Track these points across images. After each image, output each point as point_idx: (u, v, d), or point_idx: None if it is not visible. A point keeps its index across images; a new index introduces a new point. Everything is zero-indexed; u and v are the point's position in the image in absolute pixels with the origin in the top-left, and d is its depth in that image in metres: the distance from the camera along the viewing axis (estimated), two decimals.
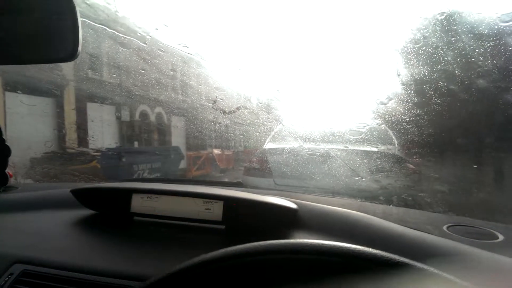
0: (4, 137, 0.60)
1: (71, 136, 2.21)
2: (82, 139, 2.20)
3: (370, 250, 0.52)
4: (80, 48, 0.56)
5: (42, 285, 0.87)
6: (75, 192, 1.30)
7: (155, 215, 1.22)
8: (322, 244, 0.52)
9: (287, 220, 1.17)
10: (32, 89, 2.11)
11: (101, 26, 1.71)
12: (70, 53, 0.56)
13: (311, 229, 1.14)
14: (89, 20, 1.73)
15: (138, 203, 1.23)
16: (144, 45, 1.68)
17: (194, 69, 1.69)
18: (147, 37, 1.68)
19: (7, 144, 0.60)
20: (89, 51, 1.86)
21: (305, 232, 1.13)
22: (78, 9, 0.55)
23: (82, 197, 1.30)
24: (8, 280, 0.89)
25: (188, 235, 1.17)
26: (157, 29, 1.66)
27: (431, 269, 0.47)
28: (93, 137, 2.13)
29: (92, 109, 2.22)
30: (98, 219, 1.29)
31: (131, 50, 1.69)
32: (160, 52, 1.62)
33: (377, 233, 1.06)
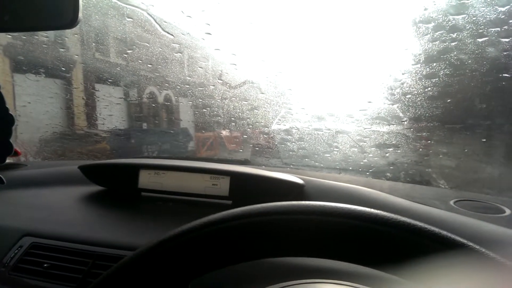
0: (9, 107, 0.60)
1: (80, 116, 2.22)
2: (91, 119, 2.22)
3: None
4: (80, 15, 0.55)
5: (51, 257, 0.88)
6: (83, 168, 1.32)
7: (163, 190, 1.23)
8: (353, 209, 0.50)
9: (293, 195, 1.17)
10: (40, 70, 2.12)
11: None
12: (70, 20, 0.56)
13: None
14: None
15: (146, 179, 1.24)
16: (154, 22, 1.66)
17: (202, 48, 1.67)
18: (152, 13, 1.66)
19: (11, 113, 0.60)
20: (98, 31, 1.85)
21: None
22: None
23: (90, 173, 1.32)
24: (18, 252, 0.90)
25: (195, 209, 1.18)
26: (153, 5, 1.64)
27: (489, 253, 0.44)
28: (102, 118, 2.14)
29: (101, 90, 2.23)
30: (106, 194, 1.30)
31: (138, 28, 1.67)
32: (168, 32, 1.60)
33: (383, 208, 1.05)
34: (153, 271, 0.50)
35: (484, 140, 1.53)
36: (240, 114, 1.89)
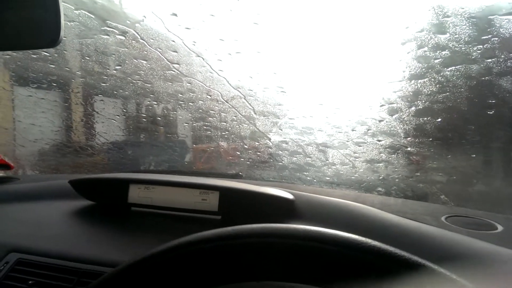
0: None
1: (74, 130, 2.22)
2: (85, 133, 2.22)
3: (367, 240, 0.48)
4: (62, 34, 0.56)
5: (37, 274, 0.87)
6: (73, 182, 1.31)
7: (152, 205, 1.22)
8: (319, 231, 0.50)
9: (283, 211, 1.17)
10: (38, 83, 2.13)
11: (105, 22, 1.71)
12: (52, 39, 0.56)
13: (308, 219, 1.13)
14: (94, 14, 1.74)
15: (135, 194, 1.23)
16: (151, 40, 1.69)
17: (198, 65, 1.69)
18: (150, 28, 1.69)
19: None
20: (95, 46, 1.87)
21: (301, 222, 1.12)
22: None
23: (80, 187, 1.31)
24: (4, 268, 0.89)
25: (185, 225, 1.17)
26: (145, 17, 1.67)
27: (444, 271, 0.44)
28: (96, 132, 2.14)
29: (98, 102, 2.23)
30: (95, 209, 1.29)
31: (135, 44, 1.69)
32: (165, 44, 1.63)
33: (373, 223, 1.05)
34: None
35: (474, 155, 1.54)
36: (231, 128, 1.90)
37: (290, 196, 1.19)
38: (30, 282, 0.86)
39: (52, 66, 1.99)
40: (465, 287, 0.42)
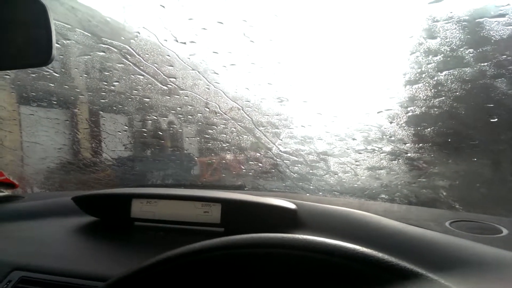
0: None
1: (80, 146, 2.24)
2: (91, 149, 2.23)
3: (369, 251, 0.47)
4: (54, 52, 0.57)
5: None
6: (76, 199, 1.32)
7: (155, 219, 1.23)
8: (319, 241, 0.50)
9: (286, 221, 1.17)
10: (39, 102, 2.16)
11: (109, 41, 1.75)
12: (44, 58, 0.57)
13: (311, 228, 1.13)
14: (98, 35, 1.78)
15: (138, 208, 1.24)
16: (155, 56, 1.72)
17: (195, 78, 1.71)
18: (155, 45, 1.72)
19: None
20: (91, 63, 1.89)
21: (304, 231, 1.12)
22: (51, 15, 0.56)
23: (84, 204, 1.32)
24: (7, 287, 0.90)
25: (187, 238, 1.16)
26: (139, 33, 1.70)
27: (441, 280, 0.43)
28: (101, 147, 2.15)
29: (104, 118, 2.25)
30: (99, 225, 1.30)
31: (131, 59, 1.71)
32: (168, 59, 1.65)
33: (377, 231, 1.04)
34: None
35: (475, 159, 1.53)
36: (231, 139, 1.90)
37: (292, 206, 1.19)
38: None
39: (51, 85, 2.02)
40: None
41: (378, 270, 0.44)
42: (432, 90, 1.42)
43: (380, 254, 0.45)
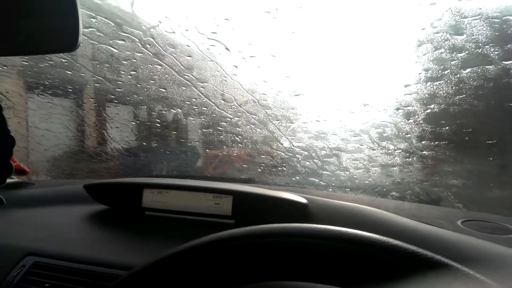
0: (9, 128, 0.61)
1: (89, 136, 2.24)
2: (100, 139, 2.24)
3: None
4: (80, 38, 0.57)
5: (53, 277, 0.88)
6: (88, 187, 1.33)
7: (166, 209, 1.23)
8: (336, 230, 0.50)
9: (297, 215, 1.16)
10: (53, 90, 2.17)
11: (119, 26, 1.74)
12: (70, 44, 0.57)
13: (322, 223, 1.12)
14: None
15: (149, 198, 1.25)
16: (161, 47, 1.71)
17: (213, 69, 1.69)
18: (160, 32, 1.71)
19: (12, 134, 0.61)
20: (110, 51, 1.89)
21: None
22: (78, 1, 0.56)
23: (95, 192, 1.33)
24: (21, 272, 0.91)
25: (198, 229, 1.17)
26: (160, 22, 1.69)
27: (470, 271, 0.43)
28: (110, 137, 2.16)
29: (111, 109, 2.25)
30: (110, 213, 1.31)
31: (150, 49, 1.71)
32: (180, 49, 1.64)
33: (388, 228, 1.04)
34: None
35: (491, 159, 1.51)
36: (244, 132, 1.90)
37: (303, 200, 1.19)
38: (46, 285, 0.87)
39: (68, 72, 2.02)
40: (491, 286, 0.42)
41: (414, 263, 0.44)
42: (453, 88, 1.40)
43: (414, 247, 0.46)
